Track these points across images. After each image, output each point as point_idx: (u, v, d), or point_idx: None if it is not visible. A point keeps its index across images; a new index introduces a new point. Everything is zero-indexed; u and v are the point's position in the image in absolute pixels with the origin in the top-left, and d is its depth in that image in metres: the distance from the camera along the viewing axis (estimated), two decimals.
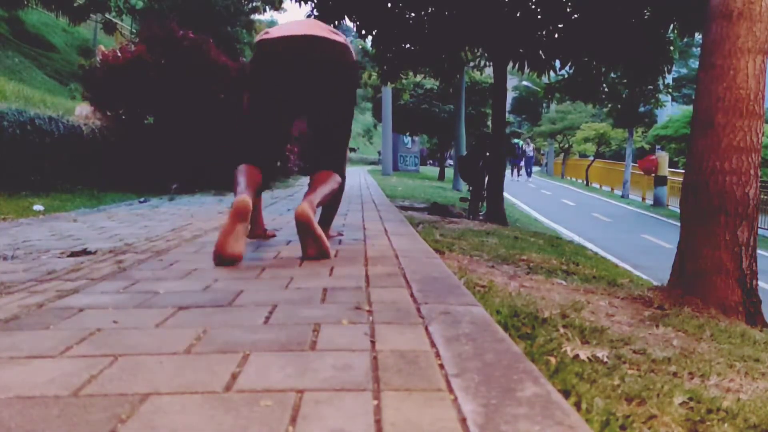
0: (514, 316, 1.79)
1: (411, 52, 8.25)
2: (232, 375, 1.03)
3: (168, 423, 0.85)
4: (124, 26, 20.67)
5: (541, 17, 7.56)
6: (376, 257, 2.32)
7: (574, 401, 1.16)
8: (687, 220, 2.98)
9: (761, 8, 2.80)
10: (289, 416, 0.86)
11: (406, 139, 23.77)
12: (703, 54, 2.96)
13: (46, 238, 3.14)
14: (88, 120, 7.30)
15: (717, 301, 2.77)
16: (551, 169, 35.48)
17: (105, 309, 1.53)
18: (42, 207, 5.02)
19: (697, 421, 1.19)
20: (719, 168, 2.81)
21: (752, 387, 1.50)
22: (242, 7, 20.93)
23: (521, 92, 38.81)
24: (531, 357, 1.36)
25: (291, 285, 1.82)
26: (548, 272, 3.20)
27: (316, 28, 2.54)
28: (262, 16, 24.01)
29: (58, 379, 1.02)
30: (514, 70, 8.30)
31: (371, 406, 0.90)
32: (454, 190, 15.22)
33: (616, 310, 2.36)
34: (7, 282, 1.91)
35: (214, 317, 1.44)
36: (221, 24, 19.38)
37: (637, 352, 1.67)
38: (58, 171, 6.32)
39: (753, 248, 2.83)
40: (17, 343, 1.24)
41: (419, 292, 1.67)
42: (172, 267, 2.17)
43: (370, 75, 18.89)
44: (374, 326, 1.34)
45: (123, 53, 7.61)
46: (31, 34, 18.50)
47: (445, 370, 1.04)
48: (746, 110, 2.79)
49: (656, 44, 7.30)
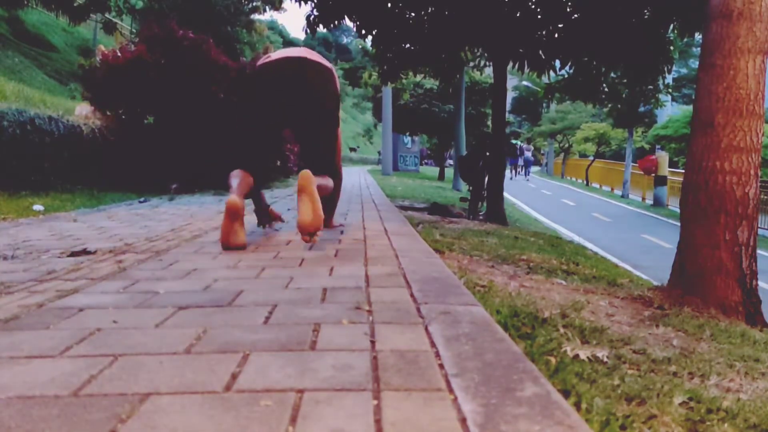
0: (514, 316, 1.79)
1: (411, 52, 8.24)
2: (232, 375, 1.03)
3: (168, 423, 0.85)
4: (124, 26, 20.66)
5: (541, 17, 7.55)
6: (376, 257, 2.32)
7: (574, 401, 1.16)
8: (687, 219, 2.98)
9: (761, 8, 2.79)
10: (289, 416, 0.86)
11: (406, 139, 23.77)
12: (703, 54, 2.96)
13: (46, 238, 3.14)
14: (88, 120, 7.30)
15: (717, 301, 2.77)
16: (551, 169, 35.48)
17: (105, 309, 1.53)
18: (42, 207, 5.02)
19: (697, 421, 1.19)
20: (719, 168, 2.81)
21: (752, 387, 1.50)
22: (242, 7, 20.92)
23: (521, 92, 38.83)
24: (531, 357, 1.36)
25: (291, 285, 1.82)
26: (548, 272, 3.20)
27: (308, 53, 3.01)
28: (262, 16, 24.00)
29: (58, 379, 1.02)
30: (514, 70, 8.29)
31: (371, 406, 0.90)
32: (454, 190, 15.21)
33: (616, 310, 2.36)
34: (7, 282, 1.91)
35: (214, 317, 1.44)
36: (221, 24, 19.37)
37: (637, 352, 1.67)
38: (58, 171, 6.32)
39: (753, 248, 2.83)
40: (17, 343, 1.24)
41: (419, 292, 1.67)
42: (172, 267, 2.17)
43: (370, 75, 18.90)
44: (374, 326, 1.34)
45: (123, 53, 7.60)
46: (31, 34, 18.49)
47: (445, 370, 1.04)
48: (746, 110, 2.79)
49: (656, 44, 7.29)
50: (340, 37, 68.88)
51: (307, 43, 60.19)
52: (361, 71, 22.13)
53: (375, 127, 35.67)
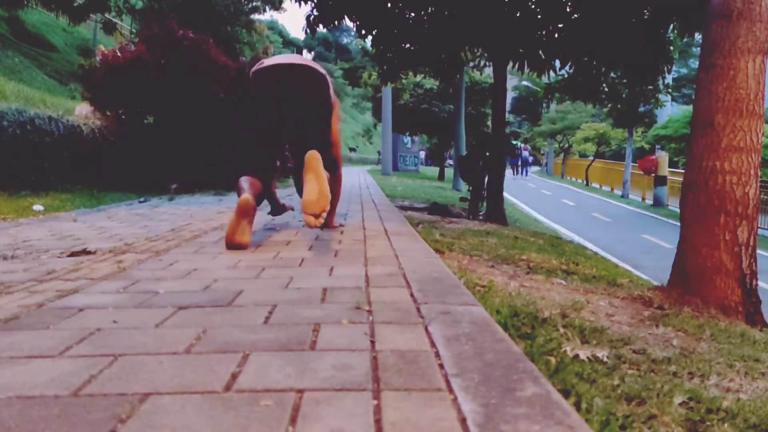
0: (514, 316, 1.79)
1: (411, 52, 8.24)
2: (232, 375, 1.03)
3: (168, 423, 0.85)
4: (124, 26, 20.65)
5: (541, 17, 7.55)
6: (376, 257, 2.32)
7: (574, 401, 1.16)
8: (687, 220, 2.98)
9: (761, 8, 2.80)
10: (288, 416, 0.86)
11: (406, 139, 23.76)
12: (703, 54, 2.96)
13: (46, 238, 3.14)
14: (88, 120, 7.30)
15: (717, 301, 2.77)
16: (551, 169, 35.48)
17: (105, 309, 1.53)
18: (42, 207, 5.02)
19: (697, 421, 1.19)
20: (719, 168, 2.81)
21: (752, 387, 1.50)
22: (242, 7, 20.89)
23: (521, 92, 38.82)
24: (531, 357, 1.36)
25: (291, 285, 1.82)
26: (548, 272, 3.20)
27: (300, 60, 3.06)
28: (262, 16, 23.95)
29: (58, 379, 1.02)
30: (514, 70, 8.29)
31: (371, 405, 0.90)
32: (454, 190, 15.22)
33: (616, 310, 2.36)
34: (7, 282, 1.91)
35: (214, 317, 1.44)
36: (221, 24, 19.34)
37: (637, 352, 1.67)
38: (58, 171, 6.32)
39: (753, 248, 2.83)
40: (17, 343, 1.24)
41: (419, 292, 1.67)
42: (172, 267, 2.17)
43: (370, 75, 18.89)
44: (374, 326, 1.34)
45: (123, 53, 7.60)
46: (31, 34, 18.47)
47: (444, 370, 1.04)
48: (746, 110, 2.79)
49: (656, 44, 7.29)
50: (340, 37, 68.85)
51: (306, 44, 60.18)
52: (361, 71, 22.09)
53: (375, 127, 35.67)
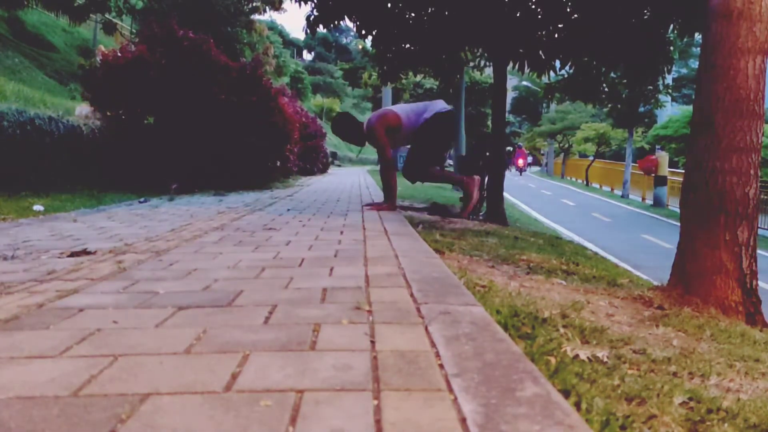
0: (514, 316, 1.79)
1: (411, 52, 8.23)
2: (232, 375, 1.03)
3: (168, 423, 0.85)
4: (124, 26, 20.65)
5: (541, 17, 7.55)
6: (376, 257, 2.32)
7: (574, 401, 1.16)
8: (687, 220, 2.98)
9: (761, 8, 2.79)
10: (289, 416, 0.86)
11: None
12: (703, 54, 2.96)
13: (46, 238, 3.14)
14: (88, 120, 7.30)
15: (717, 301, 2.76)
16: (551, 169, 35.48)
17: (105, 309, 1.53)
18: (42, 207, 5.02)
19: (697, 421, 1.19)
20: (719, 168, 2.81)
21: (752, 387, 1.50)
22: (242, 7, 20.90)
23: (521, 92, 38.83)
24: (531, 357, 1.36)
25: (291, 285, 1.82)
26: (548, 272, 3.19)
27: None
28: (262, 16, 23.95)
29: (58, 379, 1.02)
30: (514, 70, 8.28)
31: (371, 406, 0.90)
32: (454, 190, 15.21)
33: (616, 310, 2.36)
34: (7, 282, 1.91)
35: (214, 317, 1.44)
36: (221, 24, 19.36)
37: (637, 352, 1.67)
38: (57, 171, 6.32)
39: (753, 248, 2.83)
40: (17, 343, 1.24)
41: (419, 292, 1.67)
42: (172, 267, 2.17)
43: (370, 75, 18.90)
44: (374, 326, 1.34)
45: (123, 53, 7.61)
46: (31, 34, 18.47)
47: (445, 370, 1.04)
48: (746, 110, 2.79)
49: (656, 44, 7.29)
50: (340, 37, 68.86)
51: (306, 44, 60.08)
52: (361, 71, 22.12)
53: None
